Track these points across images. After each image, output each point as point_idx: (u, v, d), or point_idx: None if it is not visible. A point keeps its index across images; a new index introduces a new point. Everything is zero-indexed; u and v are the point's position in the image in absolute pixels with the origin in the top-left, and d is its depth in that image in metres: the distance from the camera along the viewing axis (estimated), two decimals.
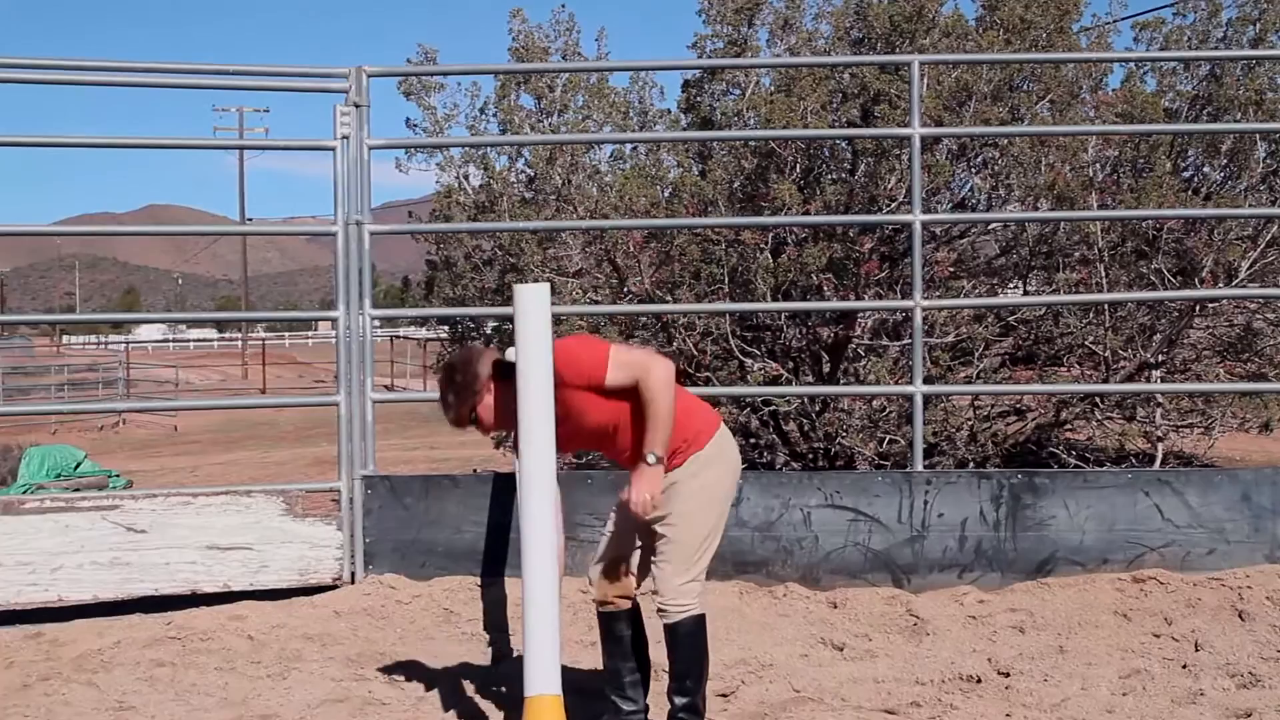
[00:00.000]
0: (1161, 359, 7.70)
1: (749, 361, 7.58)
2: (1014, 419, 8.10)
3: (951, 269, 7.44)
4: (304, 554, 5.37)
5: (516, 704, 3.54)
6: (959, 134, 7.20)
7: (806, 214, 7.16)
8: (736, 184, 7.55)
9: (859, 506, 5.31)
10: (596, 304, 7.78)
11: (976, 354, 7.40)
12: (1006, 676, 4.33)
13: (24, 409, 17.90)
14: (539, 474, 3.39)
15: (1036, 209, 7.37)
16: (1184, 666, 4.37)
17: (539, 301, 3.42)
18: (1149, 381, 7.64)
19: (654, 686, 3.89)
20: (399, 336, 34.20)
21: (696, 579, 3.61)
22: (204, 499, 5.43)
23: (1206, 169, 7.83)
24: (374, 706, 4.19)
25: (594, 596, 3.79)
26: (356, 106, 5.54)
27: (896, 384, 6.90)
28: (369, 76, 5.60)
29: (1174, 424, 7.81)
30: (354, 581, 5.40)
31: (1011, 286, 8.07)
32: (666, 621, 3.62)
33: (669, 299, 7.44)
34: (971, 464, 7.43)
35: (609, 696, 3.77)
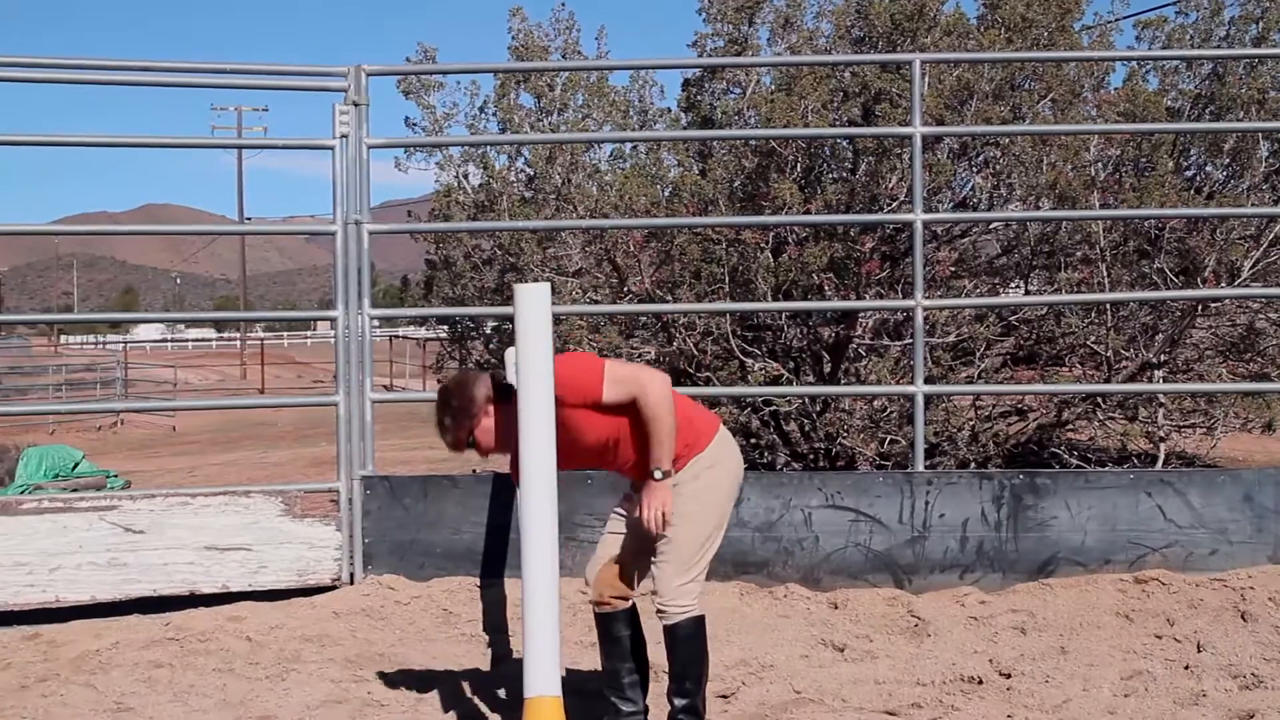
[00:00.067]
0: (1164, 359, 7.69)
1: (750, 361, 7.56)
2: (1015, 419, 8.08)
3: (953, 268, 7.43)
4: (303, 555, 5.36)
5: (516, 705, 3.52)
6: (960, 133, 7.18)
7: (807, 213, 7.15)
8: (737, 183, 7.55)
9: (860, 507, 5.30)
10: (596, 304, 7.77)
11: (978, 354, 7.39)
12: (1008, 677, 4.33)
13: (21, 409, 17.88)
14: (539, 474, 3.38)
15: (1038, 208, 7.36)
16: (1186, 667, 4.36)
17: (539, 301, 3.40)
18: (1151, 381, 7.62)
19: (654, 687, 3.88)
20: (398, 336, 34.21)
21: (696, 580, 3.61)
22: (202, 499, 5.42)
23: (1209, 168, 7.83)
24: (373, 708, 4.19)
25: (591, 597, 3.79)
26: (355, 105, 5.53)
27: (898, 384, 6.90)
28: (368, 75, 5.58)
29: (1176, 424, 7.80)
30: (353, 582, 5.39)
31: (1013, 286, 8.06)
32: (666, 622, 3.62)
33: (669, 299, 7.44)
34: (973, 464, 7.42)
35: (608, 698, 3.77)
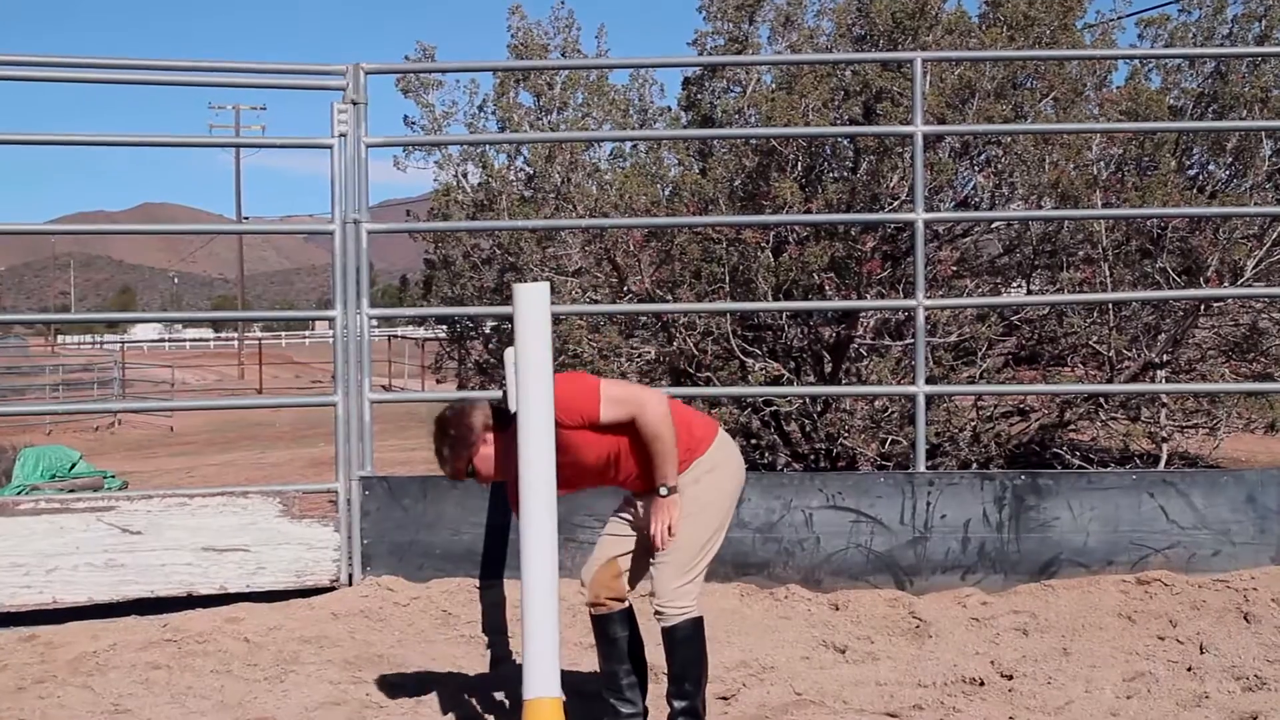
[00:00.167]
0: (1166, 359, 7.67)
1: (750, 361, 7.55)
2: (1017, 419, 8.06)
3: (954, 268, 7.42)
4: (301, 555, 5.35)
5: (516, 707, 3.52)
6: (962, 132, 7.17)
7: (808, 212, 7.14)
8: (737, 182, 7.54)
9: (861, 508, 5.29)
10: (596, 303, 7.76)
11: (979, 354, 7.37)
12: (1010, 679, 4.32)
13: (18, 409, 17.86)
14: (539, 475, 3.35)
15: (1040, 207, 7.35)
16: (1189, 669, 4.34)
17: (538, 301, 3.40)
18: (1154, 382, 7.60)
19: (654, 689, 3.88)
20: (397, 336, 34.21)
21: (694, 581, 3.61)
22: (200, 500, 5.42)
23: (1212, 167, 7.81)
24: (372, 709, 4.19)
25: (587, 599, 3.78)
26: (354, 104, 5.51)
27: (899, 384, 6.90)
28: (367, 74, 5.57)
29: (1179, 424, 7.79)
30: (351, 583, 5.38)
31: (1015, 286, 8.05)
32: (664, 624, 3.62)
33: (669, 298, 7.43)
34: (974, 465, 7.40)
35: (607, 699, 3.76)
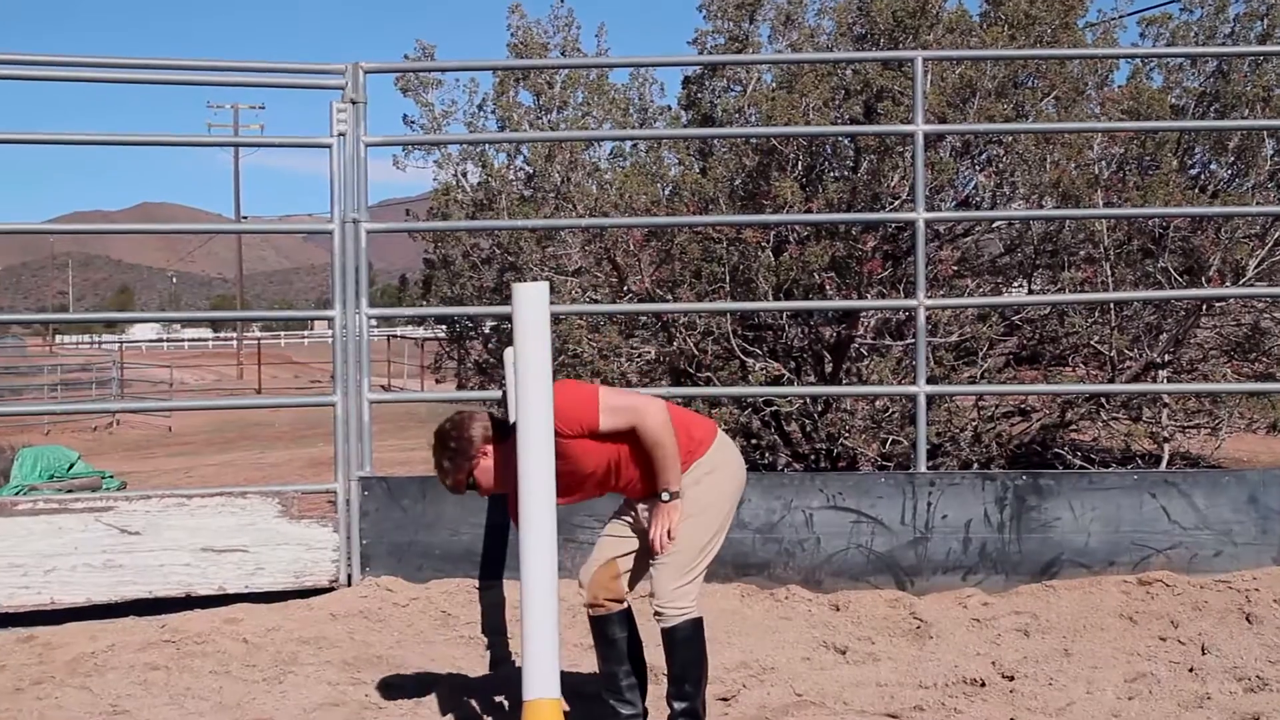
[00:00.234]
0: (1168, 359, 7.66)
1: (750, 361, 7.54)
2: (1018, 419, 8.05)
3: (955, 268, 7.41)
4: (300, 556, 5.34)
5: (515, 708, 3.51)
6: (963, 131, 7.16)
7: (808, 212, 7.13)
8: (738, 182, 7.53)
9: (861, 508, 5.27)
10: (596, 303, 7.75)
11: (980, 354, 7.36)
12: (1011, 680, 4.30)
13: (16, 409, 17.78)
14: (538, 476, 3.34)
15: (1041, 207, 7.33)
16: (1191, 670, 4.33)
17: (537, 301, 3.38)
18: (1155, 381, 7.59)
19: (653, 690, 3.87)
20: (396, 336, 34.21)
21: (694, 582, 3.61)
22: (199, 500, 5.41)
23: (1213, 166, 7.81)
24: (371, 711, 4.18)
25: (585, 600, 3.77)
26: (353, 103, 5.50)
27: (900, 384, 6.89)
28: (366, 73, 5.56)
29: (1180, 424, 7.77)
30: (350, 584, 5.37)
31: (1016, 285, 8.04)
32: (663, 625, 3.61)
33: (669, 298, 7.42)
34: (975, 465, 7.39)
35: (607, 701, 3.75)
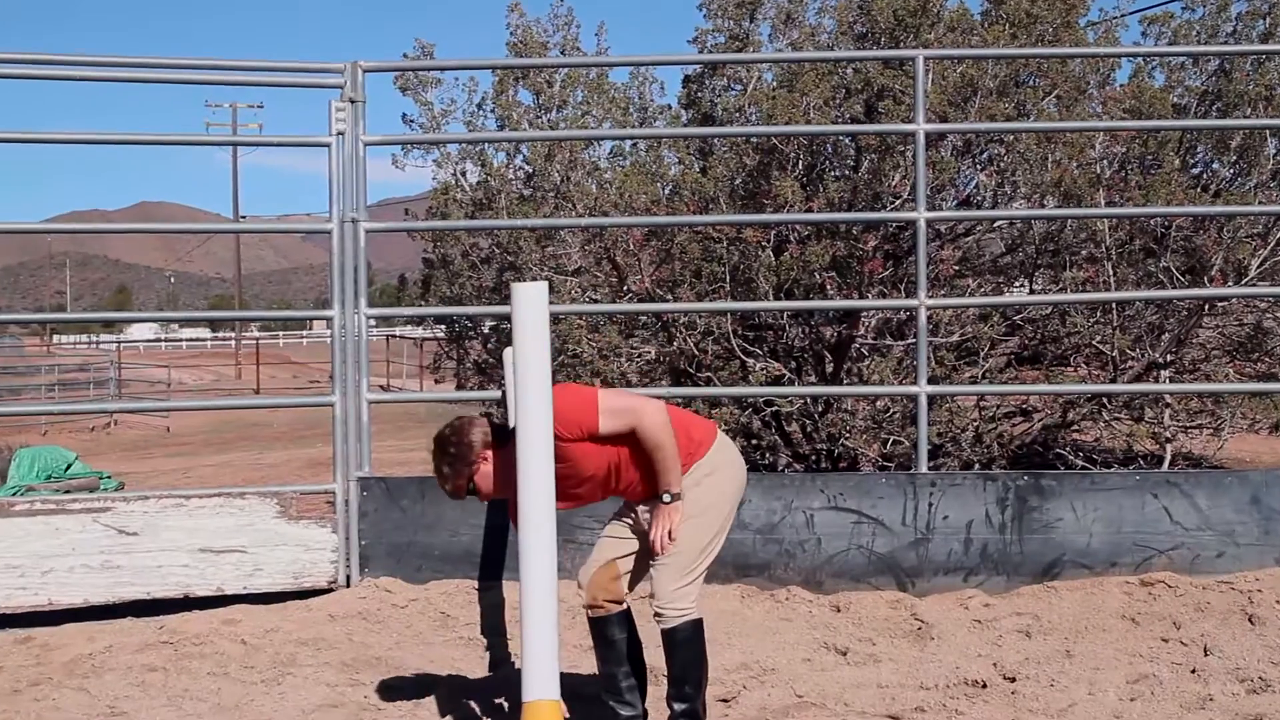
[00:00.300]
0: (1170, 359, 7.64)
1: (751, 361, 7.53)
2: (1020, 420, 8.03)
3: (956, 267, 7.39)
4: (298, 557, 5.33)
5: (515, 709, 3.51)
6: (964, 130, 7.15)
7: (809, 211, 7.12)
8: (738, 181, 7.52)
9: (862, 509, 5.26)
10: (596, 303, 7.74)
11: (982, 354, 7.34)
12: (1012, 681, 4.29)
13: (14, 409, 17.80)
14: (537, 477, 3.33)
15: (1043, 206, 7.32)
16: (1193, 671, 4.32)
17: (537, 300, 3.37)
18: (1157, 382, 7.57)
19: (653, 691, 3.87)
20: (395, 336, 34.23)
21: (694, 583, 3.61)
22: (197, 501, 5.40)
23: (1216, 165, 7.80)
24: (369, 712, 4.18)
25: (584, 601, 3.77)
26: (352, 102, 5.49)
27: (900, 384, 6.88)
28: (365, 72, 5.55)
29: (1183, 425, 7.75)
30: (349, 585, 5.36)
31: (1017, 285, 8.03)
32: (663, 626, 3.61)
33: (669, 298, 7.41)
34: (977, 465, 7.37)
35: (606, 702, 3.75)
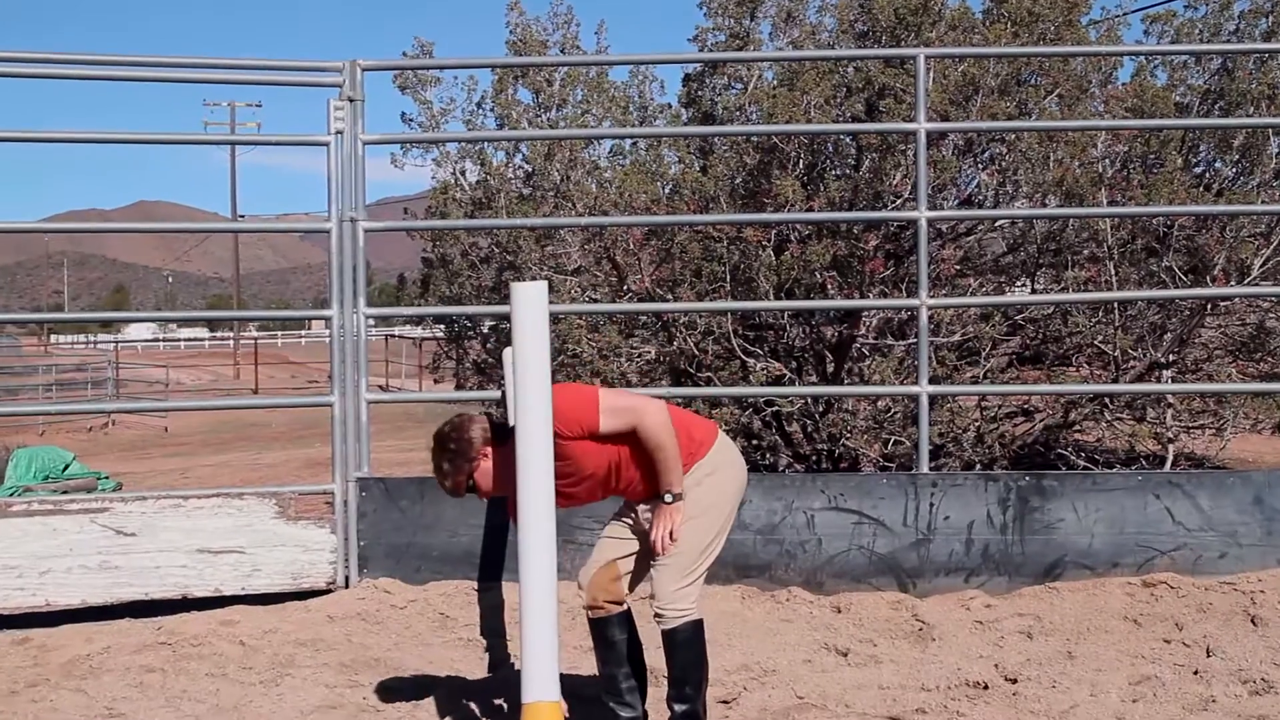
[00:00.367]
0: (1172, 359, 7.63)
1: (751, 361, 7.52)
2: (1021, 420, 8.02)
3: (958, 267, 7.39)
4: (297, 558, 5.33)
5: (514, 711, 3.50)
6: (965, 129, 7.14)
7: (810, 210, 7.11)
8: (738, 180, 7.51)
9: (863, 509, 5.25)
10: (595, 302, 7.73)
11: (983, 353, 7.34)
12: (1014, 683, 4.28)
13: (11, 410, 17.83)
14: (537, 477, 3.31)
15: (1044, 205, 7.30)
16: (1195, 673, 4.31)
17: (536, 300, 3.37)
18: (1159, 382, 7.56)
19: (654, 692, 3.87)
20: (394, 336, 34.24)
21: (695, 584, 3.61)
22: (195, 501, 5.39)
23: (1218, 164, 7.81)
24: (368, 713, 4.17)
25: (584, 602, 3.77)
26: (351, 101, 5.49)
27: (902, 384, 6.88)
28: (363, 70, 5.55)
29: (1185, 425, 7.74)
30: (348, 586, 5.35)
31: (1019, 285, 8.03)
32: (664, 627, 3.61)
33: (669, 297, 7.40)
34: (978, 466, 7.37)
35: (606, 703, 3.75)
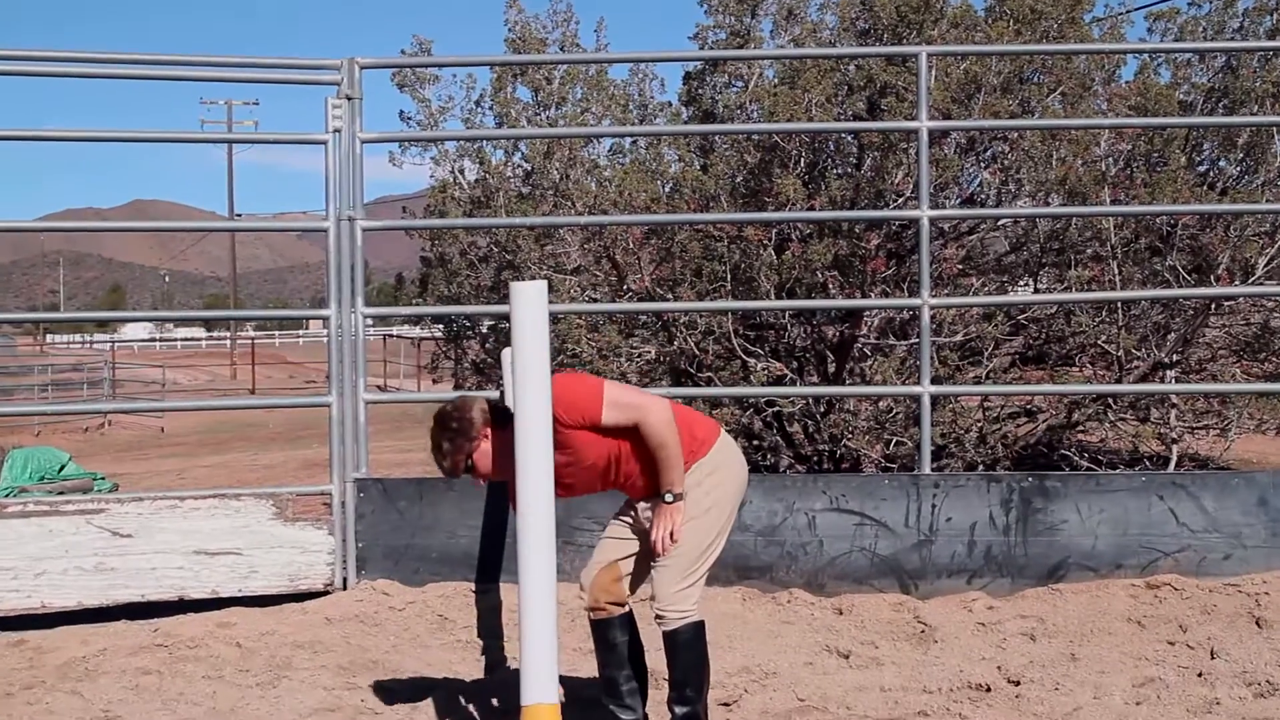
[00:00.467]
0: (1176, 359, 7.63)
1: (752, 361, 7.50)
2: (1024, 420, 8.02)
3: (960, 266, 7.38)
4: (294, 559, 5.33)
5: (513, 713, 3.47)
6: (968, 127, 7.13)
7: (811, 209, 7.10)
8: (739, 179, 7.51)
9: (865, 510, 5.25)
10: (595, 302, 7.72)
11: (986, 353, 7.34)
12: (1017, 685, 4.28)
13: (6, 410, 17.88)
14: (536, 478, 3.29)
15: (1047, 204, 7.29)
16: (1199, 675, 4.31)
17: (536, 300, 3.35)
18: (1163, 382, 7.55)
19: (654, 695, 3.87)
20: (392, 335, 34.25)
21: (695, 585, 3.60)
22: (191, 502, 5.40)
23: (1222, 163, 7.83)
24: (366, 716, 4.17)
25: (586, 604, 3.76)
26: (349, 99, 5.50)
27: (903, 384, 6.89)
28: (361, 68, 5.56)
29: (1189, 425, 7.75)
30: (346, 587, 5.36)
31: (1022, 284, 8.04)
32: (665, 628, 3.61)
33: (670, 297, 7.40)
34: (981, 466, 7.36)
35: (607, 706, 3.74)
